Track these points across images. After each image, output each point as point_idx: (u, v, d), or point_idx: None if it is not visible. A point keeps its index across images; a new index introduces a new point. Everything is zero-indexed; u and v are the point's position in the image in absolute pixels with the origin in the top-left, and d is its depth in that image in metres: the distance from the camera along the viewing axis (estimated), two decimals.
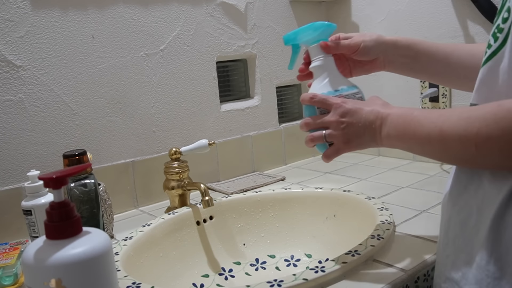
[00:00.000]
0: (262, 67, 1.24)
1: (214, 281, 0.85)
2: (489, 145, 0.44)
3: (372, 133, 0.59)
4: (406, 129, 0.55)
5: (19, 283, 0.68)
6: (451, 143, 0.49)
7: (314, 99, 0.63)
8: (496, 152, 0.44)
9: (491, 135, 0.43)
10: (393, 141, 0.58)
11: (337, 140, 0.62)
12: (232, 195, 0.99)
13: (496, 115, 0.43)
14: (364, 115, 0.60)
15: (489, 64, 0.49)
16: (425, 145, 0.53)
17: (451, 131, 0.48)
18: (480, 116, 0.45)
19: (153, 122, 1.05)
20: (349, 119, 0.60)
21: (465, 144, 0.46)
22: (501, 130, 0.43)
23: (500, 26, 0.47)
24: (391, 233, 0.74)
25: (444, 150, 0.51)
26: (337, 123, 0.61)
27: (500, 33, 0.47)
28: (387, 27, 1.23)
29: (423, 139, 0.52)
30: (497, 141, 0.43)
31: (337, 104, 0.61)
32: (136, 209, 1.02)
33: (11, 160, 0.87)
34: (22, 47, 0.86)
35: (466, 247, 0.50)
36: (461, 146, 0.47)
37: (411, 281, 0.62)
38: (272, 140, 1.27)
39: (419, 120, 0.54)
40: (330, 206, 0.92)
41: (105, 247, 0.45)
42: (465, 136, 0.46)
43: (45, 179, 0.44)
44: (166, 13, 1.05)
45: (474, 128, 0.45)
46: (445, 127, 0.49)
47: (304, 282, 0.58)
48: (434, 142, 0.51)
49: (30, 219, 0.72)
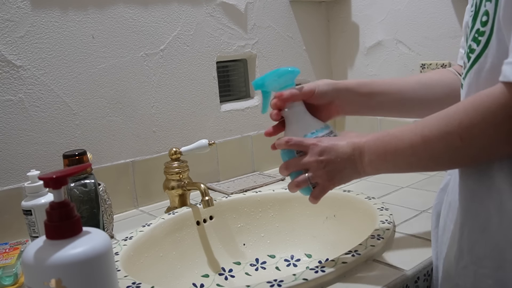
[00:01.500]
0: (262, 67, 1.24)
1: (214, 281, 0.85)
2: (473, 133, 0.45)
3: (353, 165, 0.59)
4: (386, 148, 0.56)
5: (19, 283, 0.68)
6: (435, 144, 0.49)
7: (289, 142, 0.64)
8: (482, 138, 0.45)
9: (472, 122, 0.45)
10: (377, 165, 0.58)
11: (321, 180, 0.62)
12: (232, 195, 0.99)
13: (474, 102, 0.45)
14: (340, 149, 0.60)
15: (475, 67, 0.50)
16: (410, 157, 0.53)
17: (433, 132, 0.49)
18: (460, 109, 0.46)
19: (153, 122, 1.05)
20: (327, 157, 0.60)
21: (450, 139, 0.47)
22: (481, 115, 0.44)
23: (480, 30, 0.49)
24: (391, 233, 0.74)
25: (431, 155, 0.51)
26: (316, 162, 0.61)
27: (481, 36, 0.49)
28: (387, 27, 1.23)
29: (407, 151, 0.53)
30: (479, 126, 0.44)
31: (313, 145, 0.62)
32: (136, 209, 1.02)
33: (11, 160, 0.87)
34: (22, 47, 0.86)
35: (492, 251, 0.49)
36: (446, 143, 0.48)
37: (411, 281, 0.62)
38: (272, 140, 1.27)
39: (397, 135, 0.54)
40: (330, 206, 0.92)
41: (105, 247, 0.45)
42: (448, 132, 0.47)
43: (45, 179, 0.44)
44: (166, 13, 1.05)
45: (456, 120, 0.46)
46: (426, 131, 0.50)
47: (304, 282, 0.58)
48: (419, 151, 0.51)
49: (30, 219, 0.72)
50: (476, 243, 0.51)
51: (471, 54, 0.51)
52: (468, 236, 0.52)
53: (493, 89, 0.43)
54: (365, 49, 1.30)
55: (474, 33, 0.50)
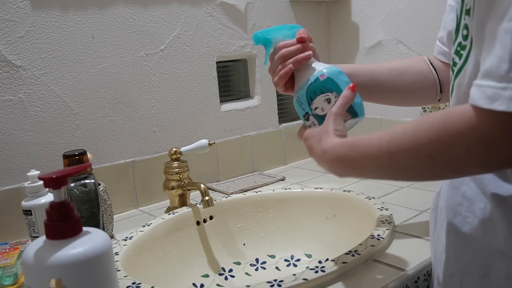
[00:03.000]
0: (262, 67, 1.24)
1: (214, 281, 0.85)
2: (443, 153, 0.42)
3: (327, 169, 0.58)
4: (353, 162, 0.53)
5: (19, 283, 0.68)
6: (403, 161, 0.46)
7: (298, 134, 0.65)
8: (452, 158, 0.42)
9: (442, 142, 0.42)
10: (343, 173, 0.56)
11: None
12: (232, 195, 0.99)
13: (446, 122, 0.42)
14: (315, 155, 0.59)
15: (457, 81, 0.50)
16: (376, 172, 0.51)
17: (400, 148, 0.46)
18: (428, 127, 0.43)
19: (153, 122, 1.05)
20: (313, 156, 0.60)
21: (418, 157, 0.44)
22: (452, 136, 0.41)
23: (462, 44, 0.49)
24: (391, 233, 0.74)
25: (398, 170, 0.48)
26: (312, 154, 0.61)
27: (463, 50, 0.48)
28: (387, 27, 1.23)
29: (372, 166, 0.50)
30: (450, 147, 0.41)
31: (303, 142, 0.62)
32: (136, 209, 1.02)
33: (11, 160, 0.87)
34: (22, 47, 0.86)
35: (477, 259, 0.49)
36: (414, 161, 0.45)
37: (411, 281, 0.62)
38: (272, 140, 1.27)
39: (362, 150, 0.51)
40: (330, 206, 0.92)
41: (105, 247, 0.45)
42: (416, 150, 0.44)
43: (45, 179, 0.44)
44: (166, 13, 1.05)
45: (425, 139, 0.43)
46: (392, 147, 0.46)
47: (304, 282, 0.58)
48: (385, 165, 0.48)
49: (30, 219, 0.72)
50: (461, 251, 0.51)
51: (454, 68, 0.51)
52: (454, 244, 0.52)
53: (465, 109, 0.40)
54: (365, 49, 1.30)
55: (457, 47, 0.50)
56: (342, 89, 0.61)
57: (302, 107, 0.64)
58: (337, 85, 0.61)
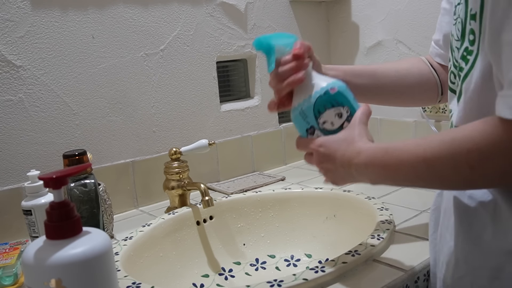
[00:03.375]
0: (262, 67, 1.24)
1: (214, 281, 0.85)
2: (484, 163, 0.42)
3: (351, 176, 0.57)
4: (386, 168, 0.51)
5: (19, 283, 0.68)
6: (441, 170, 0.45)
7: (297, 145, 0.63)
8: (493, 168, 0.42)
9: (483, 152, 0.41)
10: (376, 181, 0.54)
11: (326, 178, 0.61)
12: (232, 195, 0.99)
13: (484, 132, 0.41)
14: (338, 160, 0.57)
15: (464, 86, 0.50)
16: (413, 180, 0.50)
17: (436, 157, 0.45)
18: (467, 136, 0.43)
19: (153, 122, 1.05)
20: (327, 166, 0.59)
21: (457, 167, 0.44)
22: (492, 146, 0.41)
23: (469, 49, 0.48)
24: (391, 233, 0.74)
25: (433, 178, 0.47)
26: (320, 168, 0.61)
27: (470, 55, 0.48)
28: (387, 27, 1.23)
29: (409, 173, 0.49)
30: (490, 157, 0.41)
31: (315, 150, 0.60)
32: (136, 209, 1.02)
33: (11, 160, 0.87)
34: (22, 47, 0.86)
35: (488, 262, 0.49)
36: (453, 171, 0.44)
37: (411, 281, 0.62)
38: (272, 140, 1.27)
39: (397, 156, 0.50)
40: (330, 206, 0.92)
41: (105, 247, 0.45)
42: (456, 159, 0.43)
43: (45, 179, 0.44)
44: (166, 13, 1.05)
45: (463, 149, 0.43)
46: (429, 154, 0.46)
47: (304, 282, 0.58)
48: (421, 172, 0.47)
49: (30, 219, 0.72)
50: (470, 253, 0.51)
51: (461, 73, 0.50)
52: (462, 246, 0.52)
53: (502, 120, 0.40)
54: (365, 49, 1.30)
55: (463, 51, 0.50)
56: (353, 103, 0.60)
57: (307, 120, 0.61)
58: (348, 99, 0.60)
